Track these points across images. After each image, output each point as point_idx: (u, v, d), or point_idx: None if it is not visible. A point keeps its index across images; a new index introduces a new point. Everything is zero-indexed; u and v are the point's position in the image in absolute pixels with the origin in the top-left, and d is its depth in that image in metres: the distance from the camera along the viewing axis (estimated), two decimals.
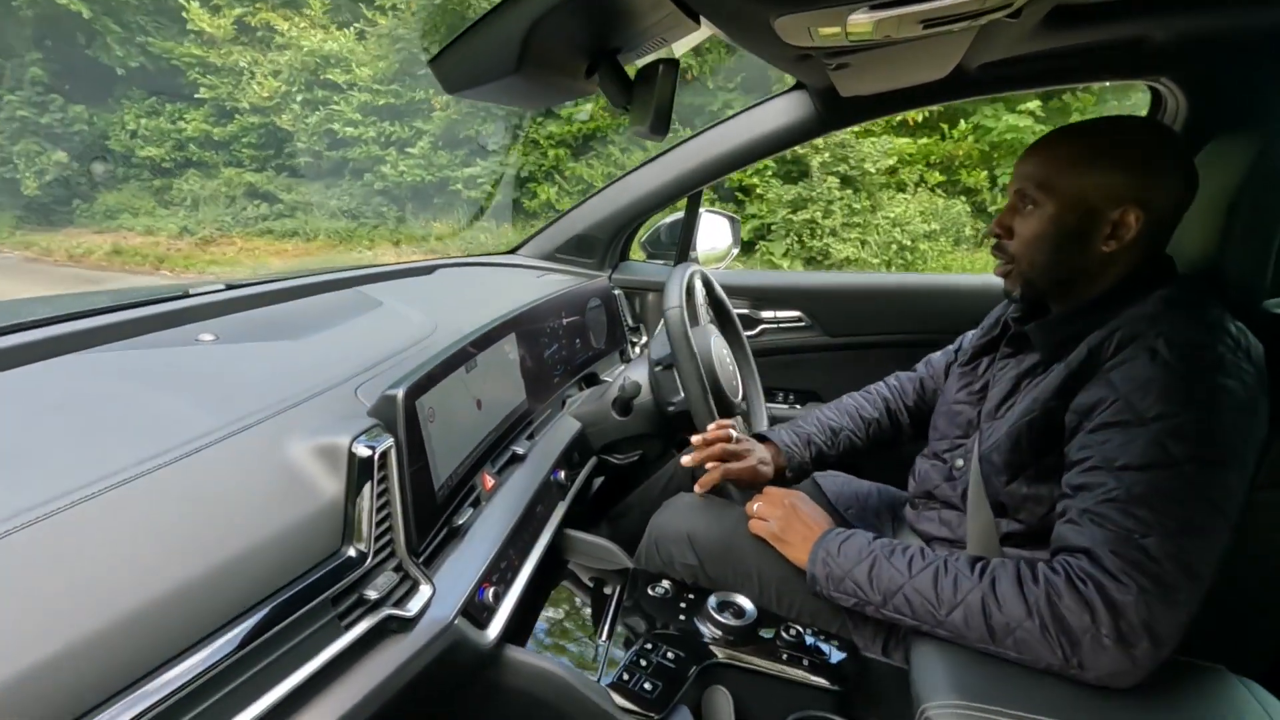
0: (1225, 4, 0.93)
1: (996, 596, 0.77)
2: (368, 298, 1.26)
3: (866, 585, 0.86)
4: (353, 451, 0.71)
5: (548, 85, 0.85)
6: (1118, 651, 0.70)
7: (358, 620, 0.68)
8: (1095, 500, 0.75)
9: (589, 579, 1.13)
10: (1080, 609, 0.71)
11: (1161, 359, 0.75)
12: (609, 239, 1.74)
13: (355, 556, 0.70)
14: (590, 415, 1.35)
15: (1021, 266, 0.92)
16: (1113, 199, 0.84)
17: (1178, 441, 0.72)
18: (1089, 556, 0.73)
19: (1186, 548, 0.69)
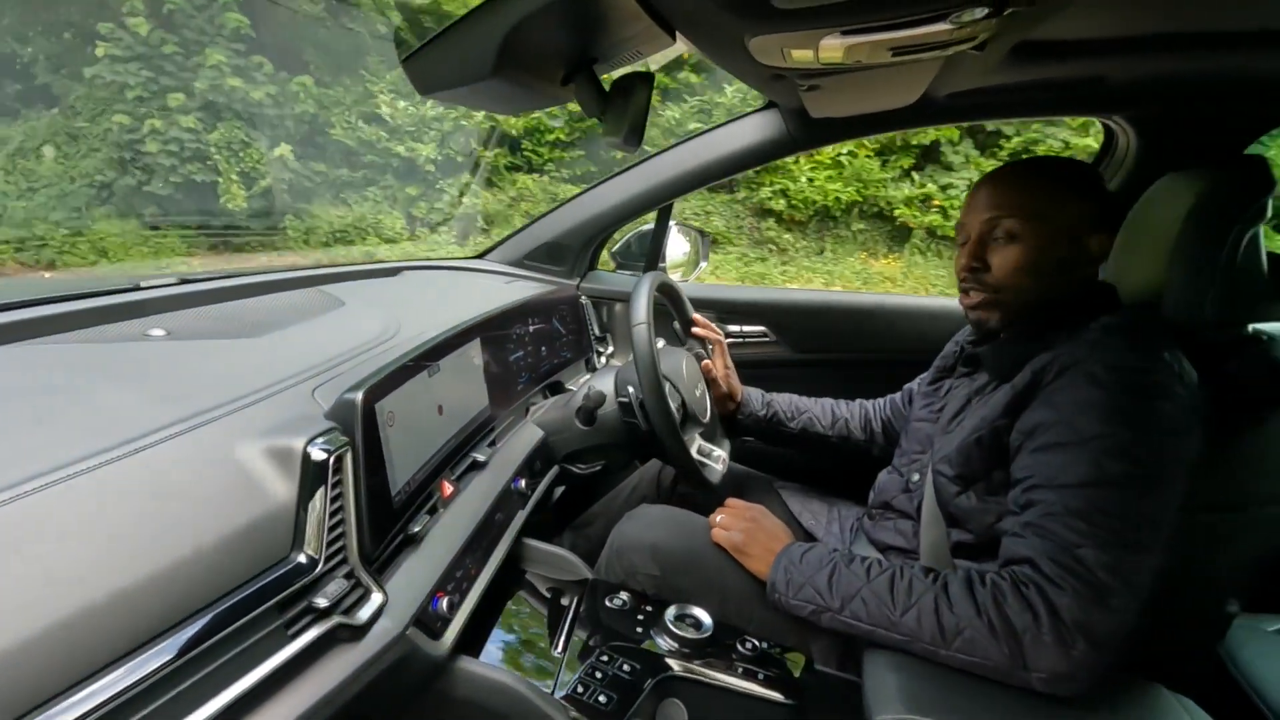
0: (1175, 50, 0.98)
1: (948, 597, 0.80)
2: (329, 297, 1.23)
3: (826, 591, 0.88)
4: (307, 454, 0.69)
5: (523, 91, 0.85)
6: (1057, 651, 0.73)
7: (305, 628, 0.66)
8: (1038, 515, 0.78)
9: (547, 589, 1.12)
10: (1023, 609, 0.75)
11: (1100, 382, 0.79)
12: (579, 247, 1.73)
13: (305, 563, 0.68)
14: (554, 424, 1.34)
15: (1006, 297, 0.94)
16: (1086, 226, 0.89)
17: (1113, 460, 0.76)
18: (1031, 565, 0.77)
19: (1120, 558, 0.73)
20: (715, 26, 0.74)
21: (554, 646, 0.98)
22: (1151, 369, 0.80)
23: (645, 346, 1.10)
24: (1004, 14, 0.66)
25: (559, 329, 1.58)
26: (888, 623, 0.82)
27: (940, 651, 0.79)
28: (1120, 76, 1.13)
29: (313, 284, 1.32)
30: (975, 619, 0.77)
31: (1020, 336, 0.94)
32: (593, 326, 1.77)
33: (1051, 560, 0.75)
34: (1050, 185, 0.90)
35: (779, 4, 0.63)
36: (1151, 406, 0.78)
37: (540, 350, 1.45)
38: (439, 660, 0.81)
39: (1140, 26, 0.92)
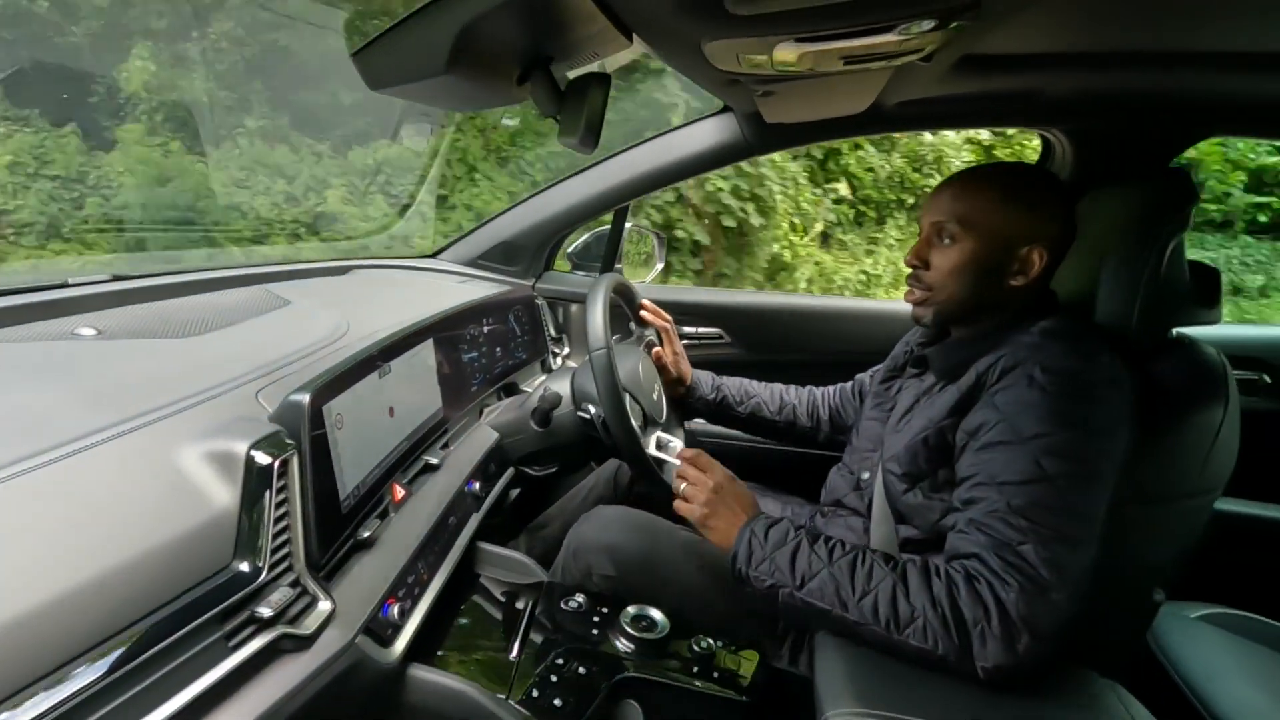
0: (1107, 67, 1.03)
1: (906, 586, 0.82)
2: (274, 296, 1.19)
3: (787, 567, 0.88)
4: (250, 458, 0.67)
5: (477, 88, 0.84)
6: (1004, 645, 0.76)
7: (247, 640, 0.64)
8: (982, 513, 0.82)
9: (501, 593, 1.11)
10: (974, 603, 0.78)
11: (1039, 385, 0.83)
12: (534, 248, 1.72)
13: (247, 571, 0.65)
14: (509, 425, 1.32)
15: (938, 297, 0.97)
16: (1024, 237, 0.92)
17: (1051, 459, 0.80)
18: (979, 560, 0.80)
19: (1059, 553, 0.77)
20: (671, 30, 0.75)
21: (508, 651, 0.97)
22: (1088, 372, 0.84)
23: (606, 373, 1.09)
24: (949, 27, 0.69)
25: (514, 330, 1.56)
26: (844, 605, 0.83)
27: (893, 637, 0.81)
28: (1056, 90, 1.18)
29: (256, 282, 1.27)
30: (930, 609, 0.79)
31: (965, 339, 0.98)
32: (548, 327, 1.75)
33: (997, 556, 0.78)
34: (996, 195, 0.93)
35: (734, 10, 0.64)
36: (1087, 408, 0.82)
37: (495, 351, 1.43)
38: (390, 668, 0.79)
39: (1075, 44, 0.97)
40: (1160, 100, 1.17)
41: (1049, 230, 0.92)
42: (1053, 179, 0.97)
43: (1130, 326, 0.95)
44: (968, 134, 5.07)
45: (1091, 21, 0.86)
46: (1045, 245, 0.91)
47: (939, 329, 1.03)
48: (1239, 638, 1.24)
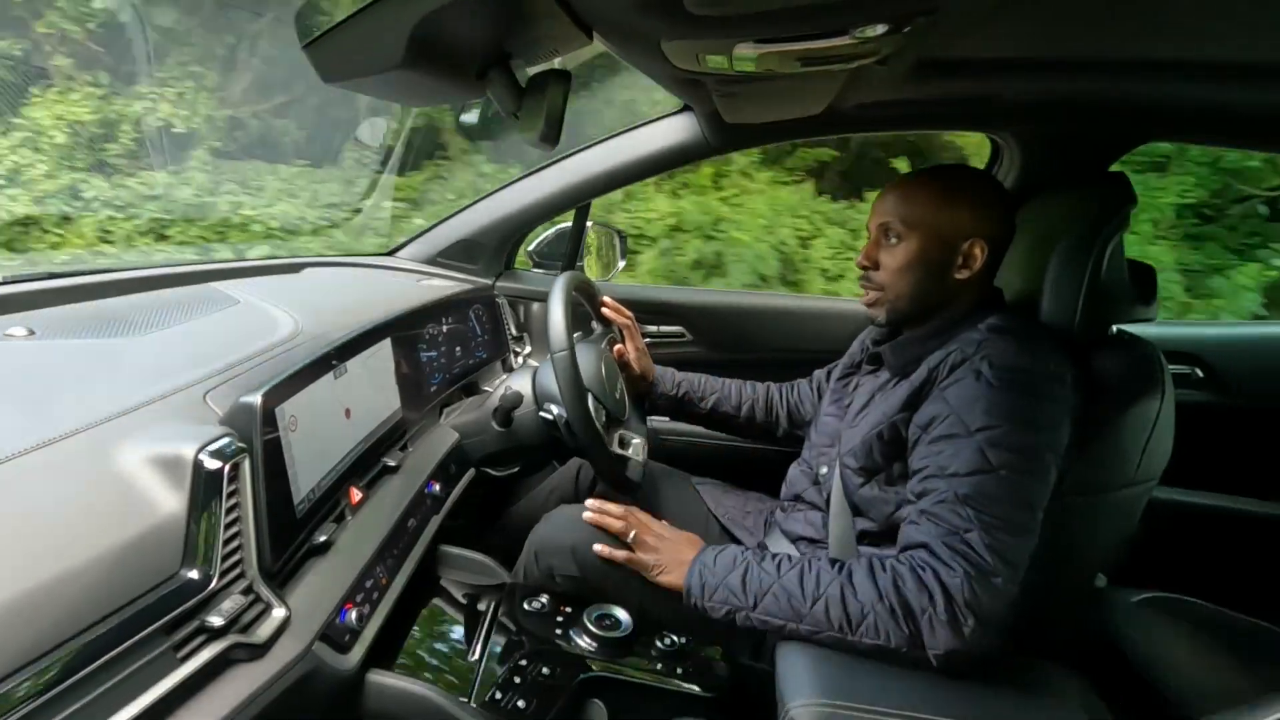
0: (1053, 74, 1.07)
1: (853, 584, 0.85)
2: (222, 294, 1.15)
3: (739, 590, 0.90)
4: (199, 463, 0.64)
5: (435, 83, 0.82)
6: (951, 629, 0.79)
7: (197, 650, 0.61)
8: (931, 503, 0.85)
9: (463, 595, 1.09)
10: (920, 591, 0.81)
11: (986, 379, 0.87)
12: (495, 245, 1.70)
13: (197, 579, 0.63)
14: (469, 425, 1.30)
15: (889, 295, 1.01)
16: (965, 232, 0.96)
17: (996, 450, 0.83)
18: (926, 549, 0.83)
19: (1002, 540, 0.80)
20: (631, 28, 0.75)
21: (470, 653, 0.96)
22: (1033, 368, 0.88)
23: (569, 372, 1.08)
24: (903, 31, 0.70)
25: (474, 329, 1.54)
26: (798, 615, 0.86)
27: (848, 638, 0.83)
28: (1006, 96, 1.22)
29: (202, 280, 1.23)
30: (878, 603, 0.82)
31: (918, 336, 1.01)
32: (509, 326, 1.74)
33: (944, 544, 0.82)
34: (937, 195, 0.97)
35: (694, 10, 0.64)
36: (1032, 402, 0.86)
37: (455, 350, 1.41)
38: (348, 675, 0.77)
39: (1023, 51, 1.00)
40: (1102, 106, 1.22)
41: (988, 225, 0.96)
42: (989, 178, 1.02)
43: (1074, 323, 0.99)
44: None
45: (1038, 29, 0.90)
46: (985, 239, 0.96)
47: (893, 326, 1.06)
48: (1177, 620, 1.31)
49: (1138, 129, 1.32)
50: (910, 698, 0.80)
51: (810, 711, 0.79)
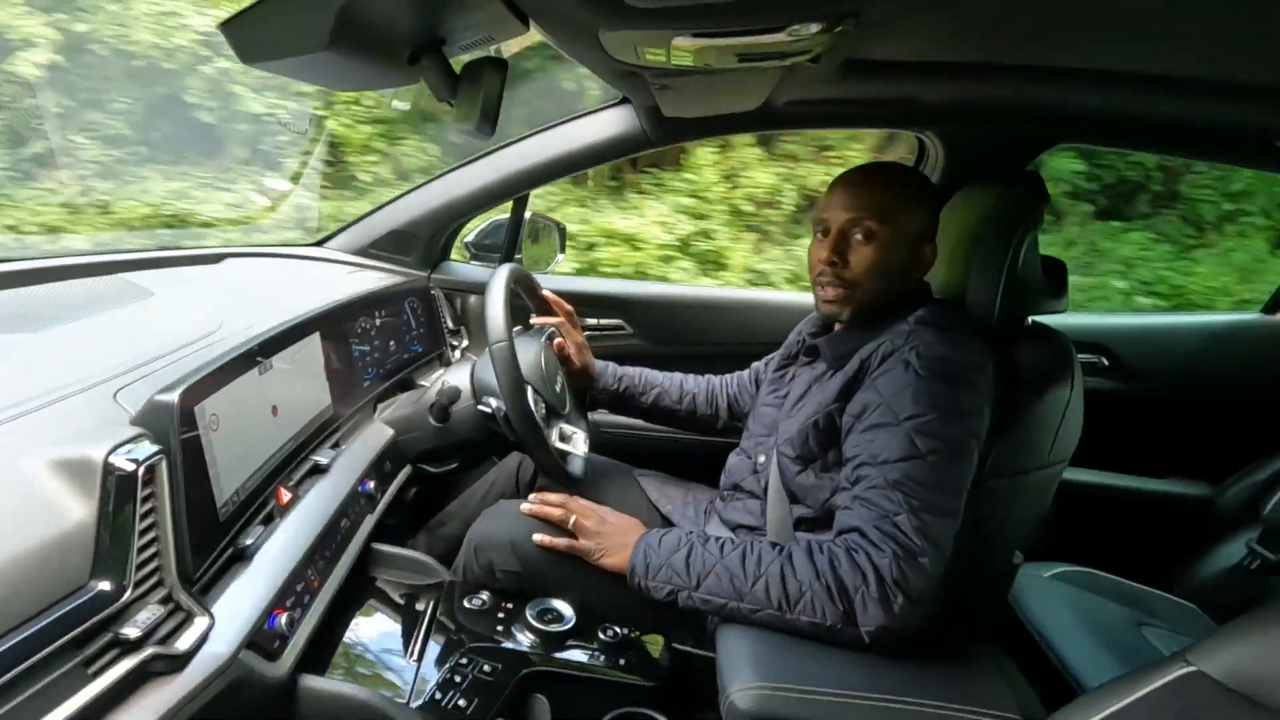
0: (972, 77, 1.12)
1: (792, 565, 0.88)
2: (134, 286, 1.08)
3: (683, 570, 0.92)
4: (109, 465, 0.60)
5: (363, 68, 0.79)
6: (881, 607, 0.83)
7: (111, 664, 0.58)
8: (864, 489, 0.89)
9: (400, 595, 1.07)
10: (854, 571, 0.84)
11: (914, 369, 0.91)
12: (429, 237, 1.65)
13: (109, 590, 0.59)
14: (405, 421, 1.27)
15: (858, 292, 1.01)
16: (925, 234, 1.01)
17: (923, 437, 0.87)
18: (859, 532, 0.87)
19: (929, 522, 0.85)
20: (569, 18, 0.74)
21: (409, 654, 0.94)
22: (957, 358, 0.92)
23: (508, 365, 1.07)
24: (834, 31, 0.72)
25: (409, 322, 1.50)
26: (739, 595, 0.89)
27: (786, 615, 0.87)
28: (929, 97, 1.28)
29: (113, 270, 1.15)
30: (815, 582, 0.86)
31: (853, 329, 1.04)
32: (445, 319, 1.70)
33: (875, 527, 0.86)
34: (901, 192, 1.00)
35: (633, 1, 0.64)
36: (956, 390, 0.90)
37: (389, 345, 1.37)
38: (278, 682, 0.75)
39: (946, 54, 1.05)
40: (1015, 110, 1.28)
41: (934, 227, 1.01)
42: (926, 178, 1.06)
43: (994, 314, 1.04)
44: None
45: (961, 34, 0.94)
46: (933, 242, 1.00)
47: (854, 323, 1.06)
48: (1085, 592, 1.40)
49: (1048, 132, 1.40)
50: (844, 678, 0.83)
51: (750, 695, 0.81)
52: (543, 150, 1.52)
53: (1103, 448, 1.45)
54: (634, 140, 1.48)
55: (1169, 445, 1.71)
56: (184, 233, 3.03)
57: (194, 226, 3.03)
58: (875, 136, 3.61)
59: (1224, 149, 1.37)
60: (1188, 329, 1.78)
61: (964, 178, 1.27)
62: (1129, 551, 1.66)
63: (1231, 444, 1.65)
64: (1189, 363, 1.72)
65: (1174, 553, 1.62)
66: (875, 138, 3.63)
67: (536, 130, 1.54)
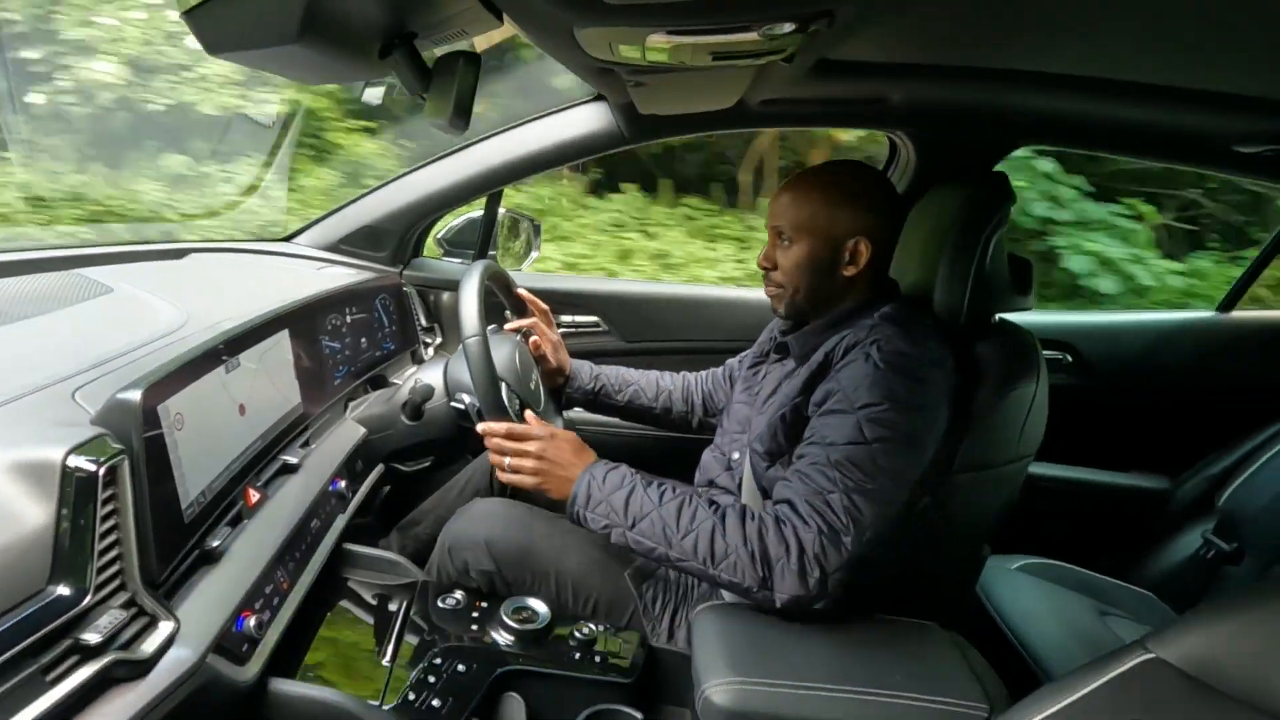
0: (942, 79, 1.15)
1: (724, 526, 0.90)
2: (92, 282, 1.05)
3: (621, 509, 0.94)
4: (67, 467, 0.58)
5: (334, 61, 0.78)
6: (798, 578, 0.86)
7: (70, 671, 0.56)
8: (805, 464, 0.92)
9: (372, 596, 1.05)
10: (779, 542, 0.87)
11: (873, 361, 0.93)
12: (402, 232, 1.63)
13: (69, 594, 0.58)
14: (376, 420, 1.25)
15: (786, 293, 1.07)
16: (848, 231, 1.01)
17: (872, 426, 0.90)
18: (790, 505, 0.90)
19: (859, 504, 0.88)
20: (543, 14, 0.73)
21: (382, 655, 0.93)
22: (915, 354, 0.95)
23: (480, 359, 1.06)
24: (808, 31, 0.73)
25: (381, 319, 1.48)
26: (668, 543, 0.91)
27: (709, 571, 0.89)
28: (899, 98, 1.30)
29: (70, 265, 1.11)
30: (741, 547, 0.88)
31: (819, 326, 1.06)
32: (419, 316, 1.68)
33: (806, 502, 0.89)
34: (820, 197, 1.02)
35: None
36: (912, 385, 0.93)
37: (360, 342, 1.35)
38: (246, 686, 0.73)
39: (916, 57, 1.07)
40: (981, 112, 1.31)
41: (871, 223, 1.02)
42: (874, 175, 1.07)
43: (962, 311, 1.06)
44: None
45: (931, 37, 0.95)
46: (868, 237, 1.02)
47: (794, 320, 1.11)
48: (1050, 583, 1.44)
49: (1015, 134, 1.43)
50: (816, 671, 0.85)
51: (724, 690, 0.81)
52: (517, 146, 1.51)
53: (1066, 442, 1.49)
54: (609, 137, 1.47)
55: (1130, 440, 1.76)
56: (146, 227, 2.95)
57: (159, 221, 2.94)
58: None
59: (1186, 153, 1.41)
60: (1147, 327, 1.84)
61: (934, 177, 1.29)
62: (1091, 543, 1.70)
63: (1189, 438, 1.71)
64: (1149, 360, 1.77)
65: (1134, 544, 1.67)
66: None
67: (510, 125, 1.53)
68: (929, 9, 0.81)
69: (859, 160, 1.15)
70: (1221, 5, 0.68)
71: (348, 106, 3.58)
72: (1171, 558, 1.58)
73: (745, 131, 3.89)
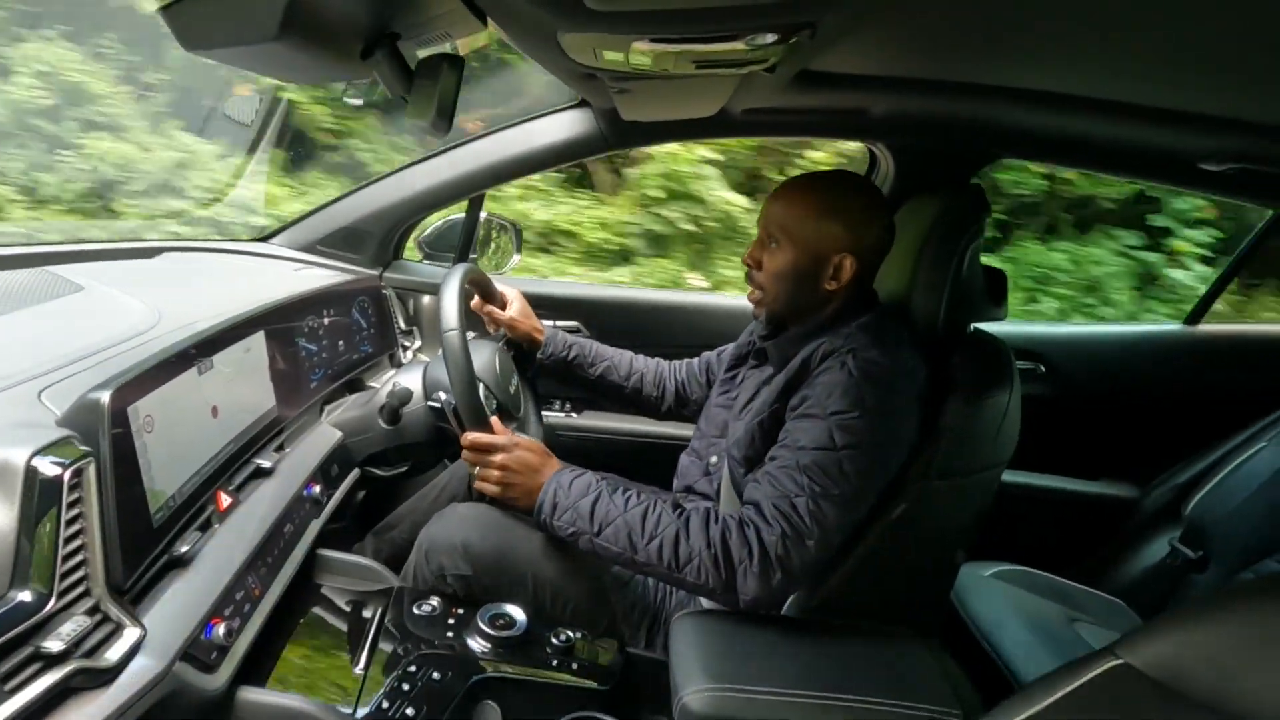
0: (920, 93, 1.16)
1: (688, 530, 0.92)
2: (61, 280, 1.03)
3: (587, 516, 0.95)
4: (32, 469, 0.57)
5: (314, 60, 0.77)
6: (761, 580, 0.88)
7: (31, 679, 0.55)
8: (774, 467, 0.93)
9: (346, 602, 1.04)
10: (741, 545, 0.89)
11: (848, 369, 0.94)
12: (381, 235, 1.62)
13: (30, 601, 0.56)
14: (353, 423, 1.24)
15: (767, 297, 1.07)
16: (835, 248, 1.01)
17: (842, 433, 0.91)
18: (756, 507, 0.91)
19: (824, 509, 0.89)
20: (527, 18, 0.73)
21: (355, 663, 0.92)
22: (889, 364, 0.96)
23: (458, 354, 1.04)
24: (790, 42, 0.74)
25: (359, 322, 1.46)
26: (634, 548, 0.92)
27: (674, 575, 0.91)
28: (878, 110, 1.32)
29: (38, 263, 1.08)
30: (705, 550, 0.90)
31: (798, 333, 1.07)
32: (398, 319, 1.66)
33: (772, 504, 0.90)
34: (812, 208, 1.02)
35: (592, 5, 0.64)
36: (884, 394, 0.94)
37: (337, 345, 1.33)
38: (214, 695, 0.72)
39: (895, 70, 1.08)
40: (963, 124, 1.33)
41: (860, 240, 1.02)
42: (870, 191, 1.07)
43: (939, 321, 1.08)
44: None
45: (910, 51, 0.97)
46: (855, 254, 1.01)
47: (771, 325, 1.12)
48: (1022, 590, 1.46)
49: (990, 147, 1.46)
50: (791, 677, 0.85)
51: (702, 697, 0.81)
52: (499, 150, 1.51)
53: (1038, 451, 1.51)
54: (591, 142, 1.48)
55: (1100, 449, 1.79)
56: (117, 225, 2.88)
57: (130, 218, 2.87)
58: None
59: (1153, 169, 1.45)
60: (1117, 338, 1.88)
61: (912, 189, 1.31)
62: (1063, 550, 1.73)
63: (1157, 448, 1.75)
64: (1118, 371, 1.81)
65: (1104, 551, 1.70)
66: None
67: (493, 129, 1.53)
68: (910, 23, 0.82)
69: (859, 174, 1.16)
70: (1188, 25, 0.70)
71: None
72: (1140, 565, 1.61)
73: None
